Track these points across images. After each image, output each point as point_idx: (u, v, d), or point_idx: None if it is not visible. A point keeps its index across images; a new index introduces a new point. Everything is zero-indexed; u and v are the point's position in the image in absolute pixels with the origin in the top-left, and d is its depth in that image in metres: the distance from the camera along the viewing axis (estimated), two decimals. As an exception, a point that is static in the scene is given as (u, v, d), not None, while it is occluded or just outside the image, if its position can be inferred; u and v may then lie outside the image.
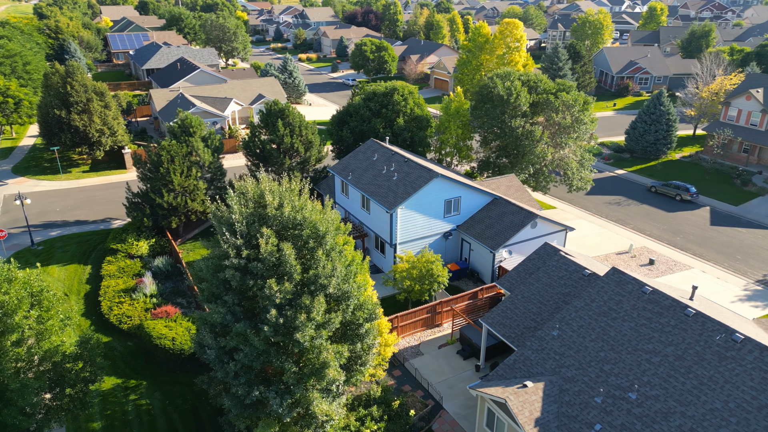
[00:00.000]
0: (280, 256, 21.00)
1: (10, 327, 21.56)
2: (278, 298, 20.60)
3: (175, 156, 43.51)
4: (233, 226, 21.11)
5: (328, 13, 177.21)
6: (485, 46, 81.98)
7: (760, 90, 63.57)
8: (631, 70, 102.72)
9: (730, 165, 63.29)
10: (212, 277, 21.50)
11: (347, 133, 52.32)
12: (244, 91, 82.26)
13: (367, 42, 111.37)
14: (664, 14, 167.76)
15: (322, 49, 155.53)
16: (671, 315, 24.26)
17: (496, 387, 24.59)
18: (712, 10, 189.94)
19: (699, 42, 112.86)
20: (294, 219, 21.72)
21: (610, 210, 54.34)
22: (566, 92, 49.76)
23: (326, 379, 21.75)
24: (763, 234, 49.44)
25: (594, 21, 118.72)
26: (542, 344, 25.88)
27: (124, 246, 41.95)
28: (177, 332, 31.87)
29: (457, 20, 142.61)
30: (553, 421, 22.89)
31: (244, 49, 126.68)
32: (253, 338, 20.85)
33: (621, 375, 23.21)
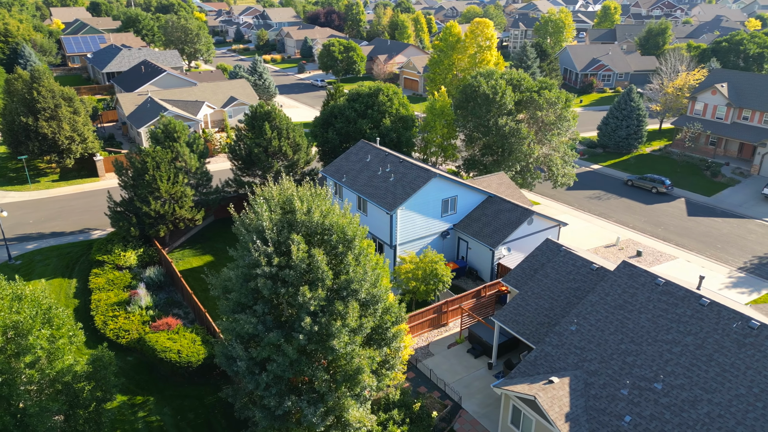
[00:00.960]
0: (311, 262, 20.59)
1: (25, 348, 20.39)
2: (312, 305, 20.18)
3: (160, 162, 42.14)
4: (263, 234, 20.53)
5: (290, 14, 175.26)
6: (456, 46, 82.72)
7: (725, 85, 66.29)
8: (595, 68, 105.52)
9: (699, 157, 65.77)
10: (241, 287, 20.86)
11: (333, 134, 51.81)
12: (216, 93, 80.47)
13: (335, 42, 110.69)
14: (618, 13, 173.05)
15: (286, 49, 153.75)
16: (687, 305, 24.95)
17: (521, 384, 24.77)
18: (662, 9, 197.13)
19: (656, 39, 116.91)
20: (322, 224, 21.32)
21: (592, 204, 55.64)
22: (548, 90, 50.66)
23: (360, 385, 21.44)
24: (737, 223, 51.55)
25: (556, 20, 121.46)
26: (561, 339, 26.22)
27: (110, 257, 40.35)
28: (182, 344, 30.83)
29: (421, 20, 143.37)
30: (582, 414, 23.22)
31: (207, 51, 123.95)
32: (287, 347, 20.36)
33: (644, 366, 23.73)
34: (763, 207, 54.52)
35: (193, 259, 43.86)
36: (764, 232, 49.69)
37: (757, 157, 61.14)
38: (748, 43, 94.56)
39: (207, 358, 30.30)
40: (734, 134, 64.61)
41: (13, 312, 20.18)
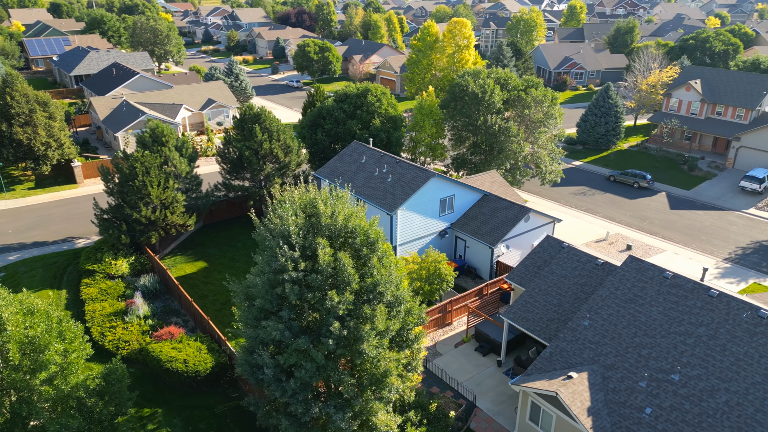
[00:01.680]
0: (337, 266, 20.36)
1: (41, 364, 19.58)
2: (341, 309, 19.95)
3: (150, 167, 41.08)
4: (289, 238, 20.18)
5: (260, 14, 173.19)
6: (435, 45, 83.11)
7: (698, 81, 68.32)
8: (567, 66, 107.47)
9: (676, 152, 67.64)
10: (266, 293, 20.46)
11: (322, 135, 51.40)
12: (193, 96, 78.94)
13: (309, 43, 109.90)
14: (583, 12, 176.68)
15: (257, 50, 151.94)
16: (696, 297, 25.58)
17: (540, 381, 25.01)
18: (625, 8, 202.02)
19: (624, 38, 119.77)
20: (346, 227, 21.10)
21: (578, 200, 56.62)
22: (534, 88, 51.31)
23: (388, 388, 21.30)
24: (718, 215, 53.18)
25: (528, 19, 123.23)
26: (575, 335, 26.57)
27: (101, 266, 39.20)
28: (187, 353, 30.13)
29: (394, 20, 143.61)
30: (603, 408, 23.57)
31: (178, 52, 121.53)
32: (315, 353, 20.08)
33: (660, 358, 24.22)
34: (741, 199, 56.38)
35: (185, 266, 42.90)
36: (744, 223, 51.38)
37: (732, 151, 63.20)
38: (713, 41, 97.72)
39: (214, 367, 29.69)
40: (709, 129, 66.65)
41: (30, 327, 19.33)
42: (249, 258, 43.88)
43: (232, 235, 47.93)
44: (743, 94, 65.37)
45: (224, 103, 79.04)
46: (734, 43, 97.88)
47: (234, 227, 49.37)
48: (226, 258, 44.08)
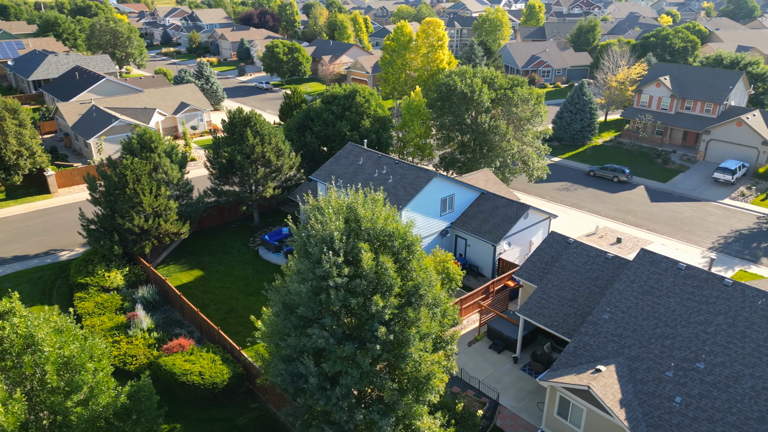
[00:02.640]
0: (379, 270, 20.15)
1: (78, 385, 18.63)
2: (387, 314, 19.74)
3: (141, 175, 39.73)
4: (332, 244, 19.81)
5: (221, 15, 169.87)
6: (409, 46, 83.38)
7: (667, 77, 70.73)
8: (535, 64, 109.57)
9: (649, 146, 69.86)
10: (309, 300, 20.03)
11: (311, 138, 50.80)
12: (165, 100, 76.78)
13: (278, 44, 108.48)
14: (542, 11, 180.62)
15: (221, 52, 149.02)
16: (711, 287, 26.44)
17: (568, 376, 25.38)
18: (581, 7, 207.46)
19: (586, 36, 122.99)
20: (384, 230, 20.90)
21: (562, 196, 57.78)
22: (520, 87, 52.08)
23: (431, 391, 21.20)
24: (697, 206, 55.21)
25: (493, 19, 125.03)
26: (596, 329, 27.07)
27: (94, 279, 37.66)
28: (202, 366, 29.26)
29: (360, 20, 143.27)
30: (634, 399, 24.10)
31: (140, 55, 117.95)
32: (361, 359, 19.81)
33: (683, 348, 24.94)
34: (715, 190, 58.68)
35: (180, 275, 41.66)
36: (722, 213, 53.50)
37: (702, 144, 65.72)
38: (673, 38, 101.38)
39: (232, 378, 28.96)
40: (679, 123, 69.11)
41: (65, 347, 18.37)
42: (246, 265, 43.03)
43: (223, 241, 46.84)
44: (710, 89, 68.07)
45: (198, 107, 77.21)
46: (692, 40, 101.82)
47: (224, 233, 48.27)
48: (222, 265, 43.03)
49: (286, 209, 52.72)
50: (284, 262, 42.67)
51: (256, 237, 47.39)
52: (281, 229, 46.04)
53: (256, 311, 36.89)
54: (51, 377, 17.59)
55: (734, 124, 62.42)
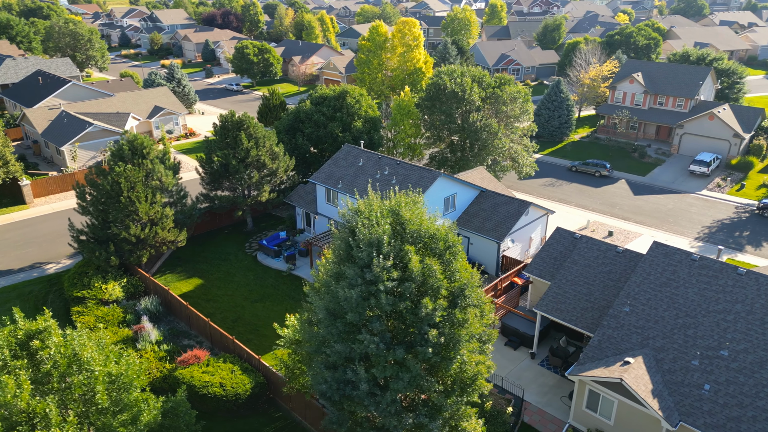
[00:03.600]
0: (426, 272, 20.02)
1: (125, 404, 17.82)
2: (437, 316, 19.64)
3: (136, 182, 38.38)
4: (381, 248, 19.55)
5: (182, 16, 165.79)
6: (385, 46, 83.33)
7: (640, 74, 72.91)
8: (505, 63, 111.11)
9: (625, 141, 71.86)
10: (357, 306, 19.71)
11: (302, 140, 50.12)
12: (138, 104, 74.44)
13: (248, 44, 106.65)
14: (504, 10, 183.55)
15: (185, 53, 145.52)
16: (726, 276, 27.36)
17: (598, 369, 25.83)
18: (541, 6, 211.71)
19: (552, 34, 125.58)
20: (428, 232, 20.78)
21: (549, 191, 58.81)
22: (508, 85, 52.74)
23: (479, 391, 21.21)
24: (677, 198, 57.10)
25: (462, 18, 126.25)
26: (619, 321, 27.63)
27: (91, 292, 36.19)
28: (222, 377, 28.50)
29: (327, 20, 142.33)
30: (664, 389, 24.70)
31: (102, 58, 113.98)
32: (412, 363, 19.64)
33: (706, 337, 25.71)
34: (692, 182, 60.80)
35: (179, 285, 40.46)
36: (702, 204, 55.49)
37: (676, 138, 68.01)
38: (637, 36, 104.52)
39: (254, 388, 28.30)
40: (653, 118, 71.31)
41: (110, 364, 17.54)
42: (246, 271, 42.13)
43: (218, 247, 45.74)
44: (681, 85, 70.51)
45: (173, 110, 75.19)
46: (654, 37, 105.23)
47: (218, 239, 47.14)
48: (221, 272, 42.01)
49: (276, 213, 51.86)
50: (285, 267, 42.01)
51: (252, 242, 46.45)
52: (279, 233, 45.28)
53: (265, 318, 36.28)
54: (101, 397, 16.76)
55: (706, 117, 64.82)
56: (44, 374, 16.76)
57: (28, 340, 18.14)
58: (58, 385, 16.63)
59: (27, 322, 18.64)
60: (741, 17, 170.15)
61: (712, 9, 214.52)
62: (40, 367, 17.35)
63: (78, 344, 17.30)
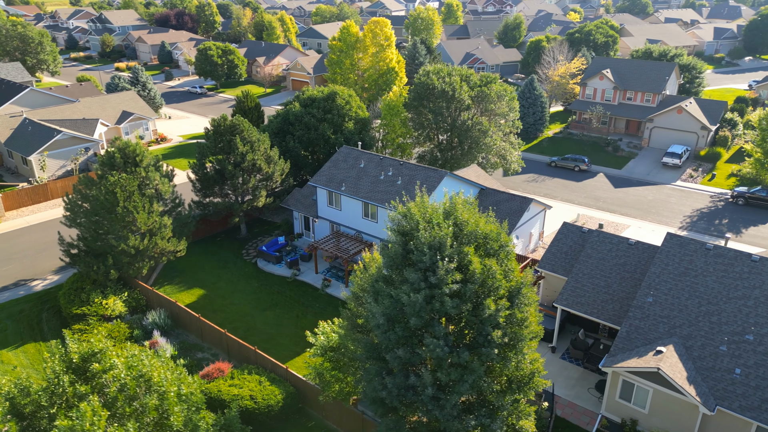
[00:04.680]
0: (486, 273, 20.00)
1: (195, 424, 16.99)
2: (501, 317, 19.64)
3: (132, 191, 36.74)
4: (444, 251, 19.35)
5: (133, 17, 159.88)
6: (357, 46, 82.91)
7: (609, 70, 75.25)
8: (470, 61, 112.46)
9: (597, 136, 74.01)
10: (421, 310, 19.45)
11: (294, 143, 49.20)
12: (105, 109, 71.36)
13: (211, 46, 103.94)
14: (460, 9, 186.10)
15: (139, 56, 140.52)
16: (741, 263, 28.53)
17: (631, 359, 26.45)
18: (494, 5, 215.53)
19: (513, 33, 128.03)
20: (484, 232, 20.75)
21: (533, 187, 59.90)
22: (493, 83, 53.36)
23: (536, 388, 21.34)
24: (655, 189, 59.24)
25: (425, 18, 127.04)
26: (644, 312, 28.38)
27: (92, 308, 34.48)
28: (251, 388, 27.64)
29: (287, 20, 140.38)
30: (697, 375, 25.53)
31: (54, 62, 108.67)
32: (477, 365, 19.58)
33: (730, 323, 26.72)
34: (666, 173, 63.21)
35: (181, 296, 39.00)
36: (680, 194, 57.76)
37: (646, 132, 70.56)
38: (596, 33, 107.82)
39: (285, 398, 27.58)
40: (623, 113, 73.76)
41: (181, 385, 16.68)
42: (248, 279, 41.04)
43: (214, 256, 44.38)
44: (649, 80, 73.21)
45: (143, 115, 72.45)
46: (612, 35, 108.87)
47: (212, 247, 45.73)
48: (223, 281, 40.77)
49: (267, 217, 50.74)
50: (288, 272, 41.15)
51: (248, 248, 45.27)
52: (277, 238, 44.34)
53: (277, 326, 35.47)
54: (177, 419, 15.90)
55: (675, 111, 67.53)
56: (111, 398, 15.76)
57: (83, 363, 17.04)
58: (130, 408, 15.66)
59: (80, 345, 17.50)
60: (684, 14, 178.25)
61: (654, 7, 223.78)
62: (104, 391, 16.32)
63: (147, 364, 16.34)
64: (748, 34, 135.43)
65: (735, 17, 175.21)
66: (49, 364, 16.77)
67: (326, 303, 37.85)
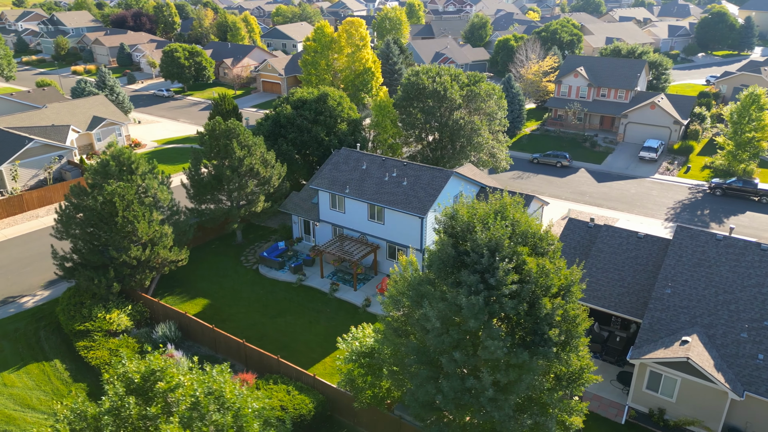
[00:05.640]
0: (541, 273, 20.10)
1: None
2: (558, 316, 19.76)
3: (132, 201, 35.30)
4: (502, 251, 19.29)
5: (87, 18, 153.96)
6: (332, 46, 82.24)
7: (582, 68, 77.07)
8: (441, 60, 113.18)
9: (573, 132, 75.72)
10: (480, 312, 19.33)
11: (287, 146, 48.32)
12: (74, 115, 68.39)
13: (177, 48, 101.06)
14: (421, 9, 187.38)
15: (96, 58, 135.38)
16: (752, 253, 29.63)
17: (659, 350, 27.09)
18: (455, 5, 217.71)
19: (479, 32, 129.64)
20: (535, 232, 20.86)
21: (520, 184, 60.74)
22: (481, 82, 53.82)
23: (587, 384, 21.57)
24: (636, 183, 61.02)
25: (392, 18, 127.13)
26: (664, 304, 29.12)
27: (95, 323, 32.92)
28: (280, 398, 26.94)
29: (251, 20, 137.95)
30: (723, 362, 26.36)
31: (8, 66, 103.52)
32: (535, 365, 19.64)
33: (747, 310, 27.71)
34: (644, 167, 65.18)
35: (185, 306, 37.72)
36: (660, 187, 59.66)
37: (621, 127, 72.61)
38: (561, 32, 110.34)
39: (317, 407, 27.03)
40: (598, 110, 75.69)
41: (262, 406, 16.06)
42: (252, 286, 40.09)
43: (212, 263, 43.14)
44: (621, 77, 75.38)
45: (115, 120, 69.83)
46: (577, 34, 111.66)
47: (208, 255, 44.43)
48: (226, 290, 39.66)
49: (260, 222, 49.63)
50: (293, 278, 40.40)
51: (247, 255, 44.22)
52: (277, 243, 43.49)
53: (291, 334, 34.79)
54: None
55: (648, 107, 69.75)
56: (187, 418, 15.02)
57: (145, 383, 16.21)
58: (207, 429, 14.96)
59: (138, 364, 16.64)
60: (637, 13, 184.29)
61: (607, 6, 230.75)
62: (171, 411, 15.57)
63: (218, 380, 15.65)
64: (700, 32, 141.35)
65: (685, 15, 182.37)
66: (111, 386, 15.86)
67: (337, 307, 37.33)
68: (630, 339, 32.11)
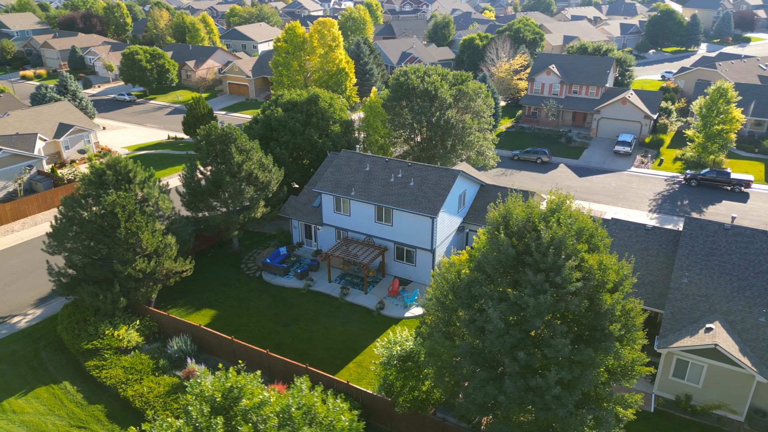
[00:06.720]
0: (601, 269, 20.37)
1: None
2: (618, 310, 20.06)
3: (133, 211, 33.77)
4: (566, 249, 19.40)
5: (32, 20, 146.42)
6: (304, 47, 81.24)
7: (554, 66, 78.82)
8: (408, 60, 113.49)
9: (547, 129, 77.37)
10: (545, 311, 19.38)
11: (280, 149, 47.32)
12: (39, 122, 64.97)
13: (138, 50, 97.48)
14: (380, 9, 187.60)
15: (46, 62, 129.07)
16: (760, 240, 30.95)
17: (684, 339, 27.94)
18: (411, 4, 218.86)
19: (443, 32, 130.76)
20: (589, 228, 21.11)
21: (505, 180, 61.58)
22: (468, 81, 54.25)
23: (639, 376, 21.97)
24: (615, 176, 62.86)
25: (356, 18, 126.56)
26: (682, 293, 30.05)
27: (104, 341, 31.35)
28: (318, 409, 26.28)
29: (209, 21, 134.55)
30: (746, 347, 27.41)
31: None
32: (598, 359, 19.88)
33: (762, 295, 28.91)
34: (620, 161, 67.22)
35: (192, 318, 36.37)
36: (638, 180, 61.68)
37: (594, 123, 74.71)
38: (524, 30, 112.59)
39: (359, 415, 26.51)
40: (571, 106, 77.61)
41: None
42: (259, 294, 39.07)
43: (212, 272, 41.79)
44: (592, 74, 77.55)
45: (83, 127, 66.71)
46: (539, 32, 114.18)
47: (206, 264, 43.00)
48: (231, 299, 38.47)
49: (257, 228, 48.41)
50: (300, 284, 39.60)
51: (247, 262, 43.04)
52: (279, 249, 42.54)
53: (308, 341, 34.16)
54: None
55: (620, 102, 72.03)
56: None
57: (225, 401, 15.50)
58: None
59: (217, 382, 15.87)
60: (587, 12, 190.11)
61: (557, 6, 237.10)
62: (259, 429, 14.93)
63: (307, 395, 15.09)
64: (650, 29, 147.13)
65: (632, 14, 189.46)
66: (195, 406, 15.05)
67: (350, 312, 36.80)
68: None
